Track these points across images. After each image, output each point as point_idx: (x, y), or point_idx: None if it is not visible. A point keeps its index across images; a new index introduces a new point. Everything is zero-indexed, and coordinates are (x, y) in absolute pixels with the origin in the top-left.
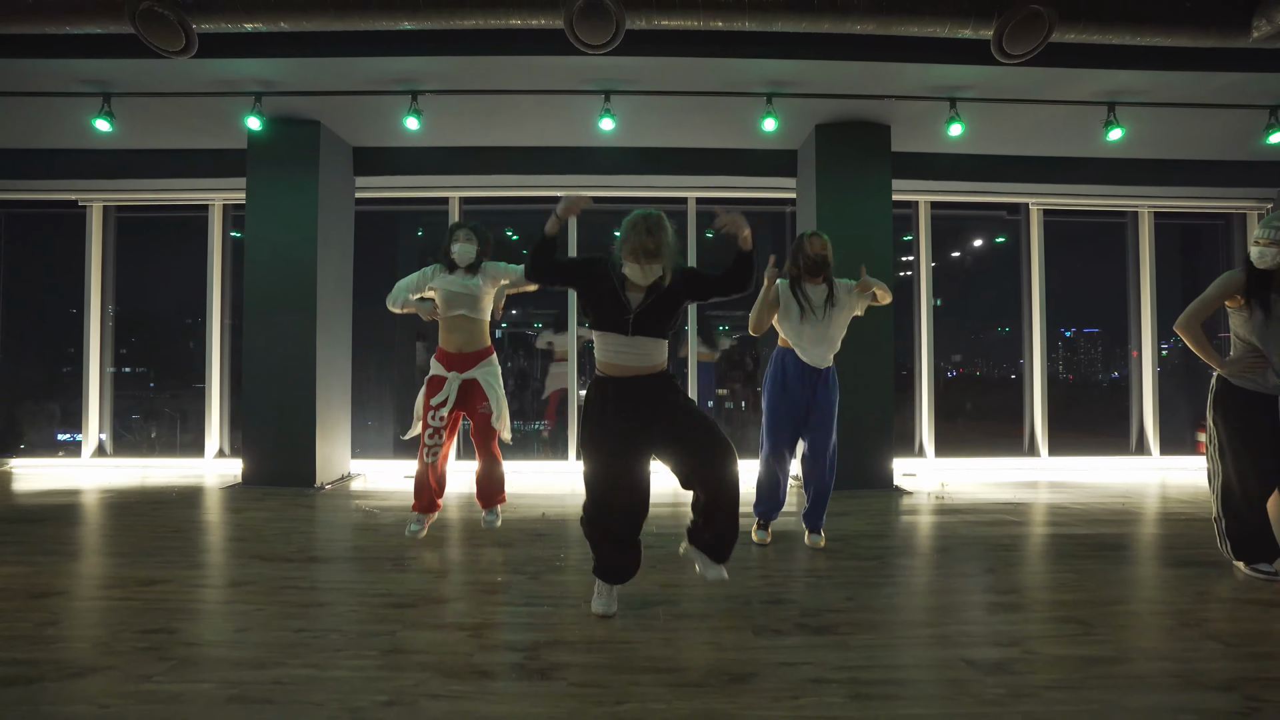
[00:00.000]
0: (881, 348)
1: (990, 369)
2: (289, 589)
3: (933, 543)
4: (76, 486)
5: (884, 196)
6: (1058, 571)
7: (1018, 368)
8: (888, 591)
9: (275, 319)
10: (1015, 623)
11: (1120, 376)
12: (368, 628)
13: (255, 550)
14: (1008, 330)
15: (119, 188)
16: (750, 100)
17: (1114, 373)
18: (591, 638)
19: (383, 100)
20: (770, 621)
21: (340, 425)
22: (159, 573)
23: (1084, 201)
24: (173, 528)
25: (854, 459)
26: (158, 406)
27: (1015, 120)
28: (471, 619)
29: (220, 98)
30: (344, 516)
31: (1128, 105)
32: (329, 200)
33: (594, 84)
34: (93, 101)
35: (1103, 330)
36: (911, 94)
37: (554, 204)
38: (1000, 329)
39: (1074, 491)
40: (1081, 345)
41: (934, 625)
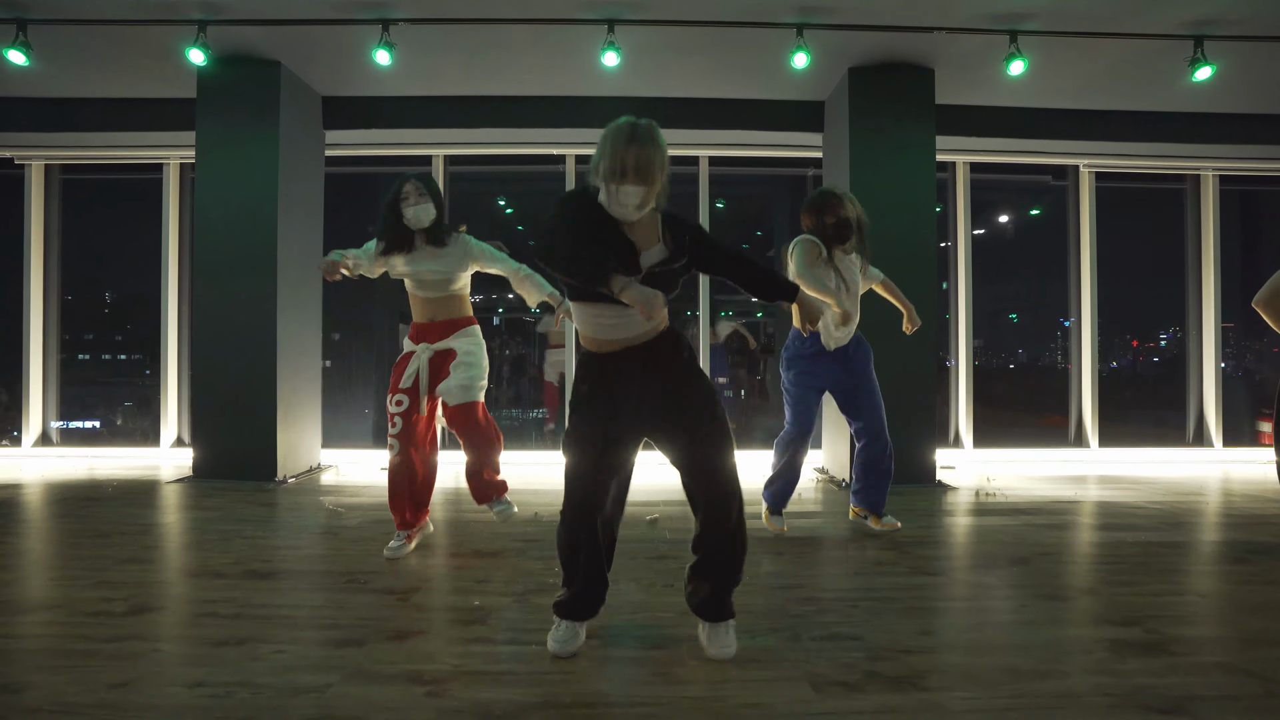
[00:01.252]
0: (921, 331)
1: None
2: (207, 617)
3: (1002, 550)
4: (10, 479)
5: (927, 154)
6: (1176, 594)
7: (1042, 355)
8: (971, 621)
9: (229, 287)
10: (1160, 673)
11: (1119, 366)
12: (291, 680)
13: (183, 561)
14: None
15: (61, 143)
16: (776, 35)
17: (1112, 362)
18: (595, 699)
19: (353, 35)
20: (832, 669)
21: (308, 411)
22: (50, 593)
23: (1142, 163)
24: (95, 531)
25: (895, 453)
26: (151, 394)
27: (1081, 61)
28: (434, 665)
29: (160, 28)
30: (303, 517)
31: (1217, 39)
32: (293, 153)
33: (595, 11)
34: (5, 29)
35: (1101, 320)
36: (965, 25)
37: (551, 161)
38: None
39: (1135, 487)
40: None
41: (1050, 674)
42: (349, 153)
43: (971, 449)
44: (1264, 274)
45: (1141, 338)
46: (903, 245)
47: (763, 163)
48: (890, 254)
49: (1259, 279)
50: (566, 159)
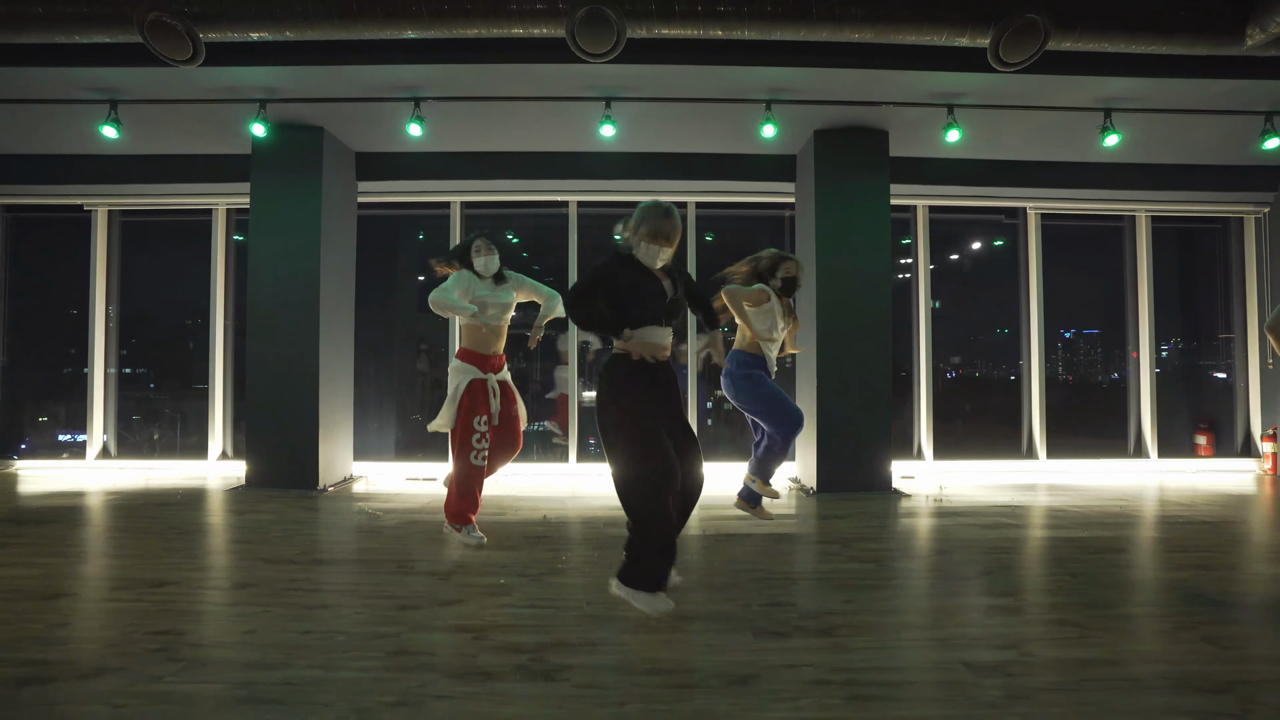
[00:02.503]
0: (880, 350)
1: (989, 371)
2: (294, 591)
3: (931, 545)
4: (81, 488)
5: (882, 201)
6: (1055, 575)
7: (1017, 369)
8: (886, 594)
9: (278, 323)
10: (1012, 625)
11: (1121, 377)
12: (373, 629)
13: (259, 552)
14: (1006, 332)
15: (124, 192)
16: (750, 107)
17: (1114, 374)
18: (594, 640)
19: (385, 107)
20: (770, 624)
21: (342, 428)
22: (166, 574)
23: (1082, 205)
24: (178, 529)
25: (852, 462)
26: (158, 408)
27: (1013, 126)
28: (475, 621)
29: (225, 104)
30: (347, 519)
31: (1124, 111)
32: (332, 205)
33: (595, 91)
34: (100, 108)
35: (1103, 331)
36: (909, 100)
37: (555, 208)
38: (1000, 330)
39: (1072, 494)
40: (1081, 346)
41: (932, 628)
42: (377, 199)
43: (932, 460)
44: (1200, 301)
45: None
46: (862, 278)
47: (744, 206)
48: (851, 285)
49: (1195, 305)
50: (569, 204)
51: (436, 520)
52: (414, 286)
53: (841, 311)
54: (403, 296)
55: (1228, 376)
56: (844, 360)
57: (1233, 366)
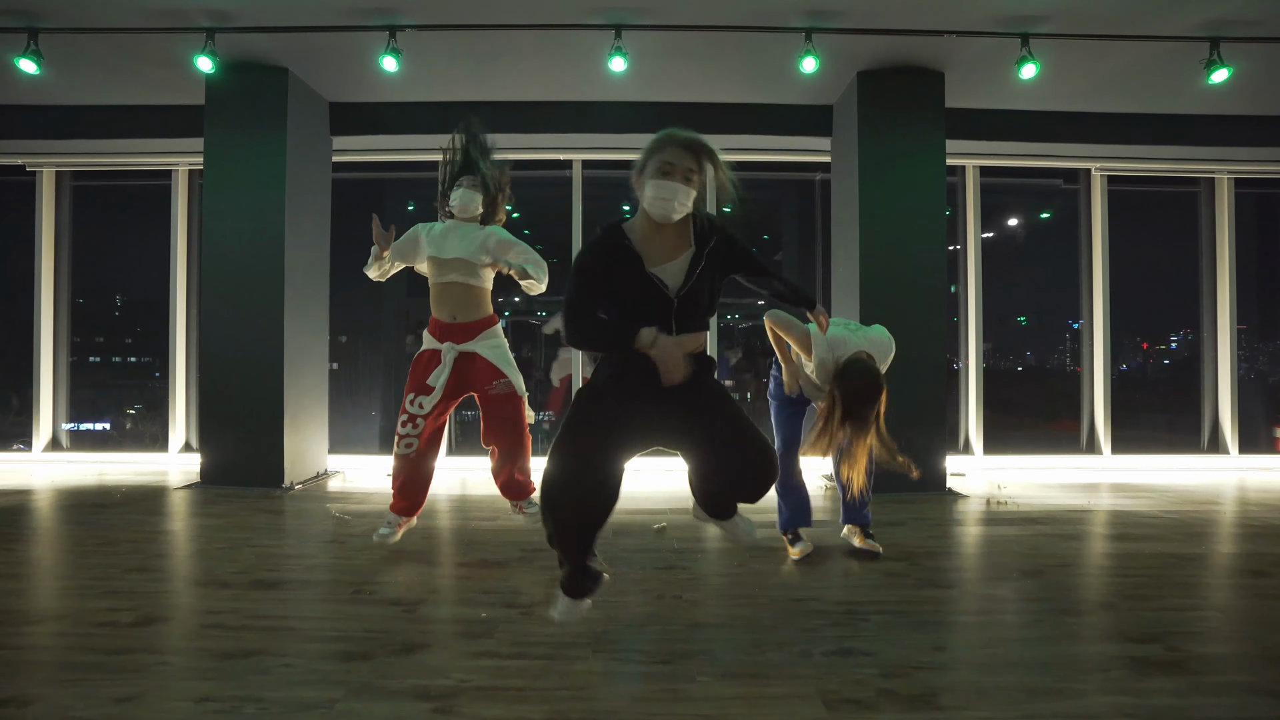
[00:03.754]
0: (934, 334)
1: (1019, 359)
2: (214, 629)
3: (1014, 562)
4: (19, 485)
5: (937, 159)
6: (1192, 608)
7: (1052, 357)
8: (985, 637)
9: (237, 296)
10: (1182, 693)
11: (1129, 369)
12: (298, 694)
13: (190, 570)
14: (1025, 321)
15: (72, 150)
16: (784, 39)
17: (1122, 365)
18: (605, 716)
19: (359, 40)
20: (844, 686)
21: (315, 418)
22: (58, 603)
23: (1155, 166)
24: (101, 539)
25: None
26: (159, 398)
27: (1094, 64)
28: (442, 680)
29: (168, 35)
30: (310, 524)
31: (1234, 41)
32: (300, 160)
33: (603, 16)
34: (17, 39)
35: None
36: (976, 29)
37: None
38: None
39: (1150, 496)
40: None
41: (1067, 693)
42: (356, 159)
43: (981, 455)
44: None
45: (1151, 340)
46: (912, 250)
47: (771, 167)
48: (900, 259)
49: (1275, 281)
50: (573, 164)
51: (419, 526)
52: None
53: (888, 289)
54: None
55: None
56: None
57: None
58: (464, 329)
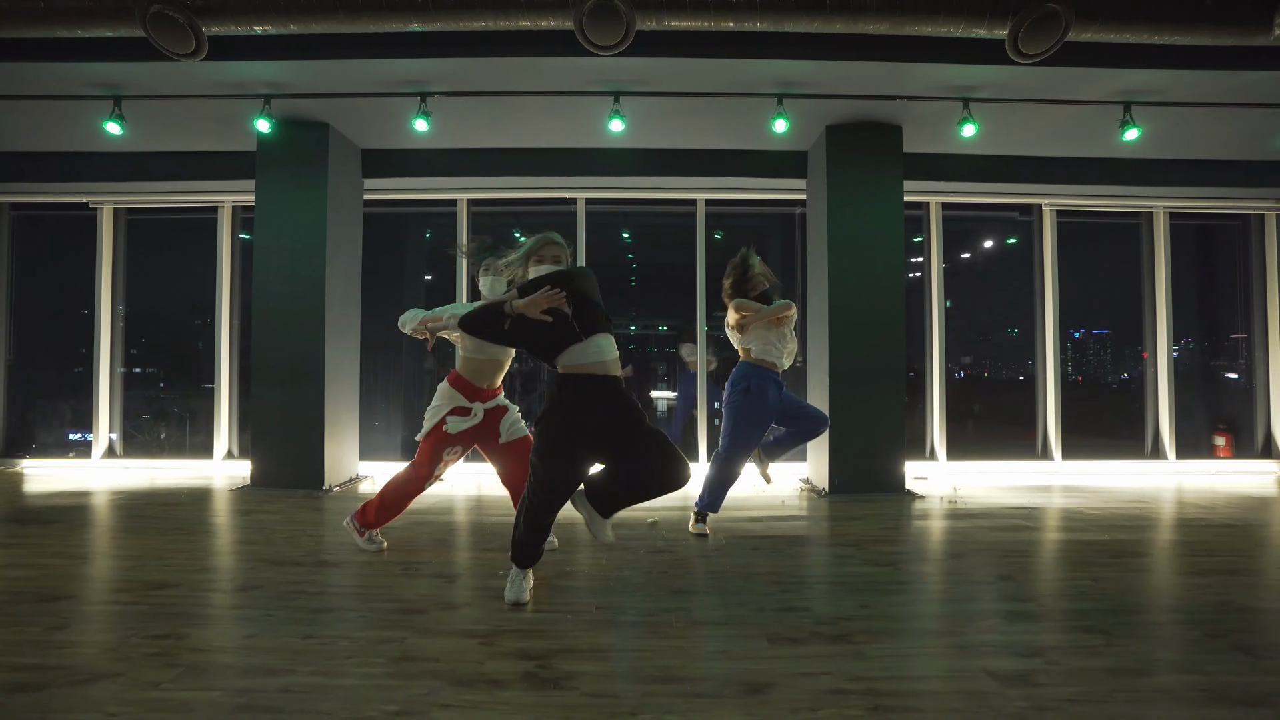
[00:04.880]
0: (894, 349)
1: (998, 371)
2: (297, 594)
3: (947, 548)
4: (86, 488)
5: (895, 198)
6: (1076, 579)
7: (1027, 369)
8: (904, 599)
9: (284, 322)
10: (1035, 632)
11: (1131, 378)
12: (377, 634)
13: (264, 554)
14: (1016, 332)
15: (129, 190)
16: (761, 101)
17: (1124, 374)
18: (603, 646)
19: (391, 102)
20: (785, 629)
21: (348, 428)
22: (167, 576)
23: (1098, 202)
24: (181, 530)
25: (865, 462)
26: (166, 407)
27: (1029, 121)
28: (481, 626)
29: (229, 100)
30: None
31: (1144, 105)
32: (338, 203)
33: (603, 85)
34: (103, 104)
35: (1113, 331)
36: (924, 94)
37: (564, 203)
38: (1010, 330)
39: (1089, 496)
40: (1091, 346)
41: (952, 634)
42: (382, 196)
43: (945, 461)
44: (1219, 299)
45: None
46: (875, 275)
47: (754, 203)
48: (863, 285)
49: (1213, 304)
50: (578, 201)
51: (442, 521)
52: (421, 284)
53: (854, 310)
54: (410, 294)
55: (1239, 377)
56: (856, 360)
57: (1246, 367)
58: (494, 392)
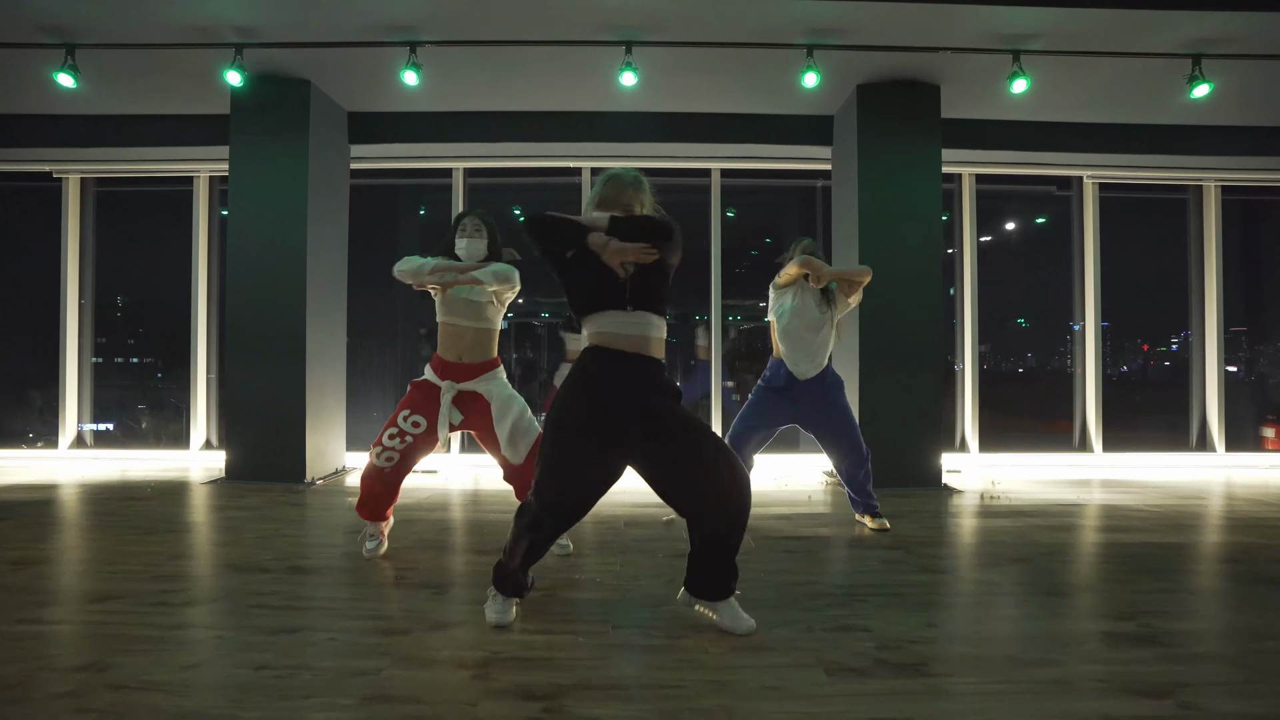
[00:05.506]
0: (929, 335)
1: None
2: (260, 608)
3: (1007, 551)
4: (47, 481)
5: (933, 167)
6: (1171, 591)
7: (1041, 361)
8: (975, 615)
9: (261, 299)
10: (1150, 662)
11: (1130, 371)
12: (347, 664)
13: (229, 557)
14: (1026, 324)
15: (97, 157)
16: (786, 55)
17: (1123, 366)
18: (625, 681)
19: (379, 56)
20: (843, 657)
21: (334, 416)
22: (112, 585)
23: (1144, 174)
24: (140, 529)
25: (899, 455)
26: (164, 397)
27: (1083, 78)
28: (476, 652)
29: (199, 50)
30: (334, 516)
31: (1215, 58)
32: (321, 169)
33: (615, 33)
34: (55, 55)
35: (1112, 324)
36: (970, 45)
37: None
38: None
39: (1137, 491)
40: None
41: (1048, 664)
42: (372, 165)
43: (977, 453)
44: (1266, 281)
45: (1152, 342)
46: (909, 255)
47: (773, 174)
48: (898, 263)
49: (1261, 286)
50: (582, 171)
51: (435, 518)
52: None
53: (886, 292)
54: None
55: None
56: (889, 345)
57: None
58: (466, 369)
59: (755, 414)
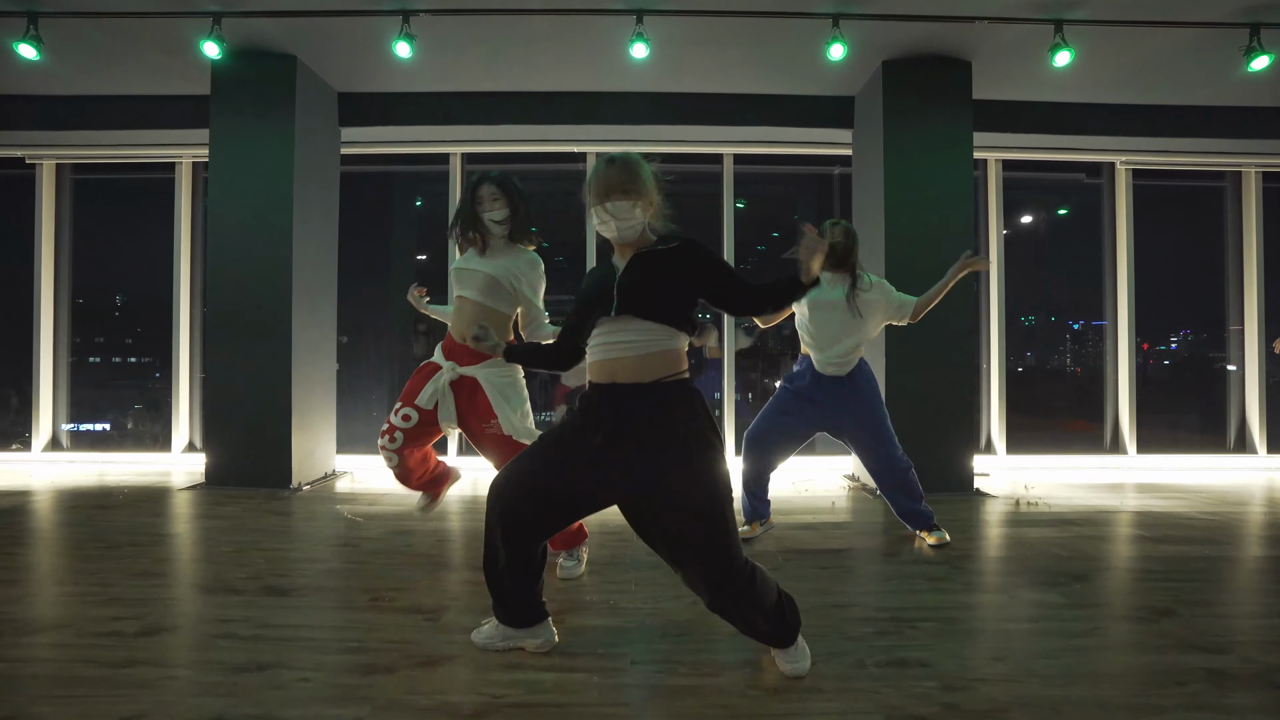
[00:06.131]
0: (961, 332)
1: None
2: (225, 639)
3: (1061, 566)
4: (18, 486)
5: (964, 151)
6: (1262, 616)
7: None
8: (1046, 647)
9: (244, 292)
10: (1271, 709)
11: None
12: (319, 712)
13: (197, 576)
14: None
15: (73, 141)
16: (809, 27)
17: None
18: None
19: (370, 27)
20: (906, 700)
21: (322, 417)
22: (56, 612)
23: (1181, 159)
24: (102, 542)
25: (930, 459)
26: (161, 398)
27: (1125, 52)
28: (472, 695)
29: (174, 20)
30: (320, 527)
31: (1274, 27)
32: (309, 152)
33: (625, 1)
34: (16, 23)
35: (1112, 323)
36: (1009, 14)
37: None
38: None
39: (1180, 496)
40: (1090, 338)
41: (1146, 709)
42: (364, 150)
43: (1004, 455)
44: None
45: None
46: (937, 244)
47: (788, 160)
48: (926, 253)
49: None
50: (587, 156)
51: (429, 528)
52: (411, 259)
53: (914, 284)
54: (400, 267)
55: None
56: (918, 341)
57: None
58: (472, 353)
59: (771, 418)
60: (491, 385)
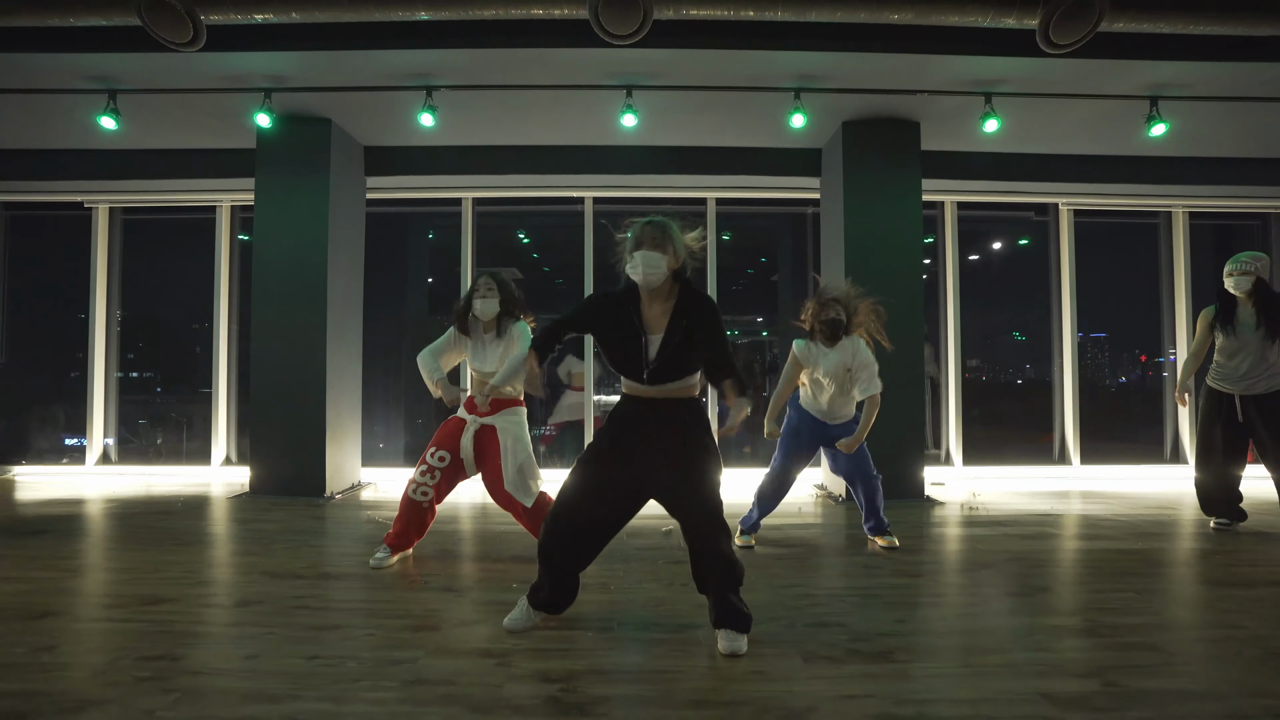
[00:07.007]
0: (912, 353)
1: (998, 374)
2: (300, 609)
3: (976, 557)
4: (79, 496)
5: (914, 196)
6: (1116, 590)
7: (1028, 373)
8: (941, 612)
9: (284, 324)
10: (1087, 650)
11: (1128, 381)
12: (387, 654)
13: (264, 565)
14: (1023, 338)
15: (125, 188)
16: (777, 96)
17: (1121, 378)
18: (629, 667)
19: (396, 97)
20: (820, 647)
21: (350, 433)
22: (163, 590)
23: (1116, 201)
24: (177, 540)
25: (884, 468)
26: (164, 411)
27: (1052, 117)
28: (498, 644)
29: (229, 94)
30: (355, 529)
31: (1172, 100)
32: (340, 201)
33: (616, 78)
34: (98, 99)
35: (1111, 334)
36: (945, 89)
37: (571, 202)
38: (1014, 335)
39: (1113, 502)
40: (1089, 350)
41: (999, 651)
42: (385, 195)
43: (961, 466)
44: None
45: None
46: (892, 279)
47: (765, 202)
48: (882, 285)
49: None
50: (585, 200)
51: (448, 530)
52: (424, 287)
53: None
54: (413, 297)
55: None
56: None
57: None
58: (490, 407)
59: (785, 455)
60: (505, 431)
